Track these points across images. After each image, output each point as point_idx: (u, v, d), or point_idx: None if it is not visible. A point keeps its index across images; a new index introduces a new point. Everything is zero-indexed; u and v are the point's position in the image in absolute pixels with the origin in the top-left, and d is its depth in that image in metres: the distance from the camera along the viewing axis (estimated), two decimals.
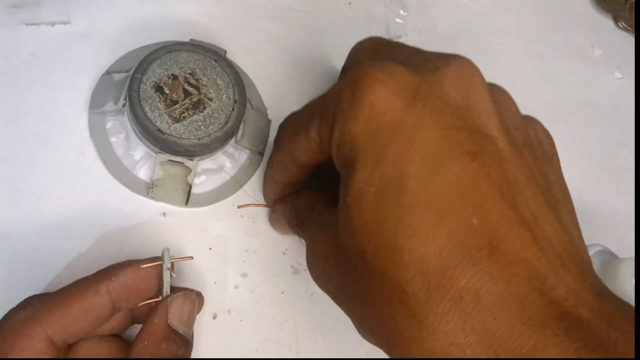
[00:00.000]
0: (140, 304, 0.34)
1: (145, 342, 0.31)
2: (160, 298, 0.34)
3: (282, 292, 0.45)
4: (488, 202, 0.22)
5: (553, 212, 0.24)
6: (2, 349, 0.29)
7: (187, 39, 0.47)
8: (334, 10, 0.54)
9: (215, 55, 0.44)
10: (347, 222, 0.24)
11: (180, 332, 0.32)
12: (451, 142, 0.23)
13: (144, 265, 0.34)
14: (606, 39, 0.61)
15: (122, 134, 0.45)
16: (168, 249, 0.37)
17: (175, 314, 0.32)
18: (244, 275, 0.44)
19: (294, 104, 0.51)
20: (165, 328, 0.31)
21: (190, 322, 0.33)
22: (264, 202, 0.46)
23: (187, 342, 0.32)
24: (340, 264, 0.27)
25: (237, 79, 0.44)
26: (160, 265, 0.35)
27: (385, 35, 0.55)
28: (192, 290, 0.36)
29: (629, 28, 0.61)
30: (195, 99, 0.42)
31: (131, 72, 0.42)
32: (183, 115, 0.42)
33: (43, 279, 0.40)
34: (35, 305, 0.31)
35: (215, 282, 0.44)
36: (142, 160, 0.44)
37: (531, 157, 0.26)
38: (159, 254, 0.37)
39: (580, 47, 0.60)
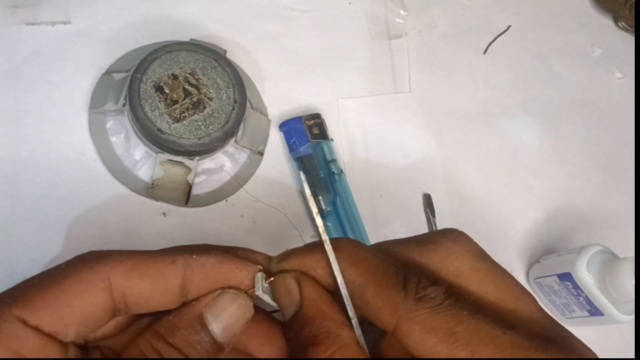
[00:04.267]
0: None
1: (170, 317, 0.27)
2: None
3: None
4: None
5: None
6: None
7: (187, 39, 0.47)
8: (334, 10, 0.54)
9: (216, 55, 0.44)
10: None
11: (213, 330, 0.27)
12: None
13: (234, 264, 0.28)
14: (606, 39, 0.61)
15: (122, 133, 0.45)
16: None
17: (215, 307, 0.28)
18: None
19: (294, 104, 0.51)
20: (195, 314, 0.27)
21: (230, 325, 0.28)
22: (263, 200, 0.46)
23: (216, 346, 0.27)
24: None
25: (237, 79, 0.44)
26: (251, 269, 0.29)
27: (385, 35, 0.55)
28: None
29: (629, 28, 0.61)
30: (195, 99, 0.42)
31: (131, 72, 0.42)
32: (183, 115, 0.42)
33: None
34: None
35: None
36: (142, 160, 0.44)
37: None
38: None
39: (580, 47, 0.60)
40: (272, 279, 0.29)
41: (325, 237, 0.28)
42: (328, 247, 0.27)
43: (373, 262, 0.27)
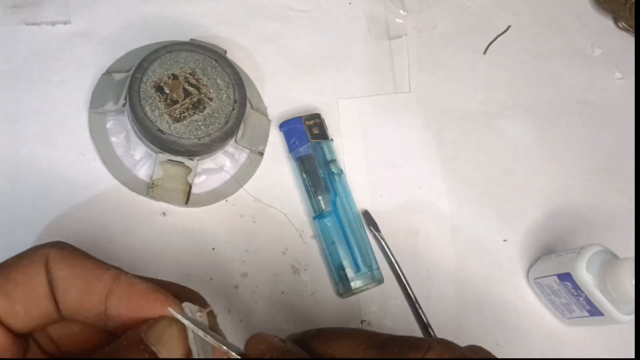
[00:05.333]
0: None
1: (106, 349, 0.26)
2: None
3: (282, 292, 0.45)
4: None
5: None
6: None
7: (187, 39, 0.47)
8: (334, 10, 0.54)
9: (216, 55, 0.44)
10: None
11: (158, 353, 0.26)
12: None
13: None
14: (606, 39, 0.61)
15: (122, 133, 0.45)
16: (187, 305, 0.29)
17: (153, 330, 0.27)
18: (244, 275, 0.44)
19: (294, 104, 0.51)
20: (134, 338, 0.26)
21: (174, 351, 0.27)
22: (263, 200, 0.46)
23: None
24: None
25: (237, 79, 0.44)
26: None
27: (385, 35, 0.55)
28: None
29: (629, 28, 0.61)
30: (195, 99, 0.42)
31: (131, 72, 0.42)
32: (183, 115, 0.42)
33: None
34: None
35: (215, 282, 0.44)
36: (142, 160, 0.44)
37: None
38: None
39: (580, 47, 0.60)
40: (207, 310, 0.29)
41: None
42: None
43: None
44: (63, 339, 0.29)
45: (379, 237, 0.47)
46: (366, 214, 0.48)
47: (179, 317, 0.27)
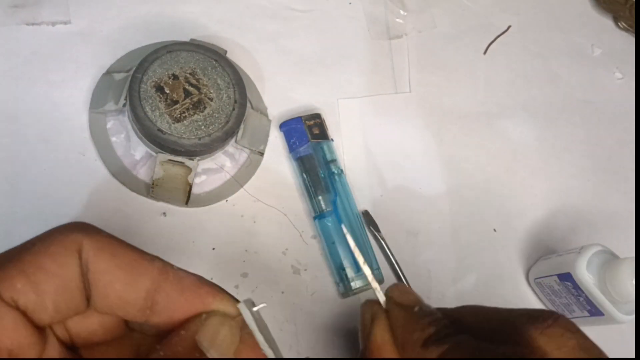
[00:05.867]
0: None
1: (161, 353, 0.25)
2: None
3: (282, 292, 0.45)
4: None
5: None
6: None
7: (187, 39, 0.47)
8: (334, 10, 0.54)
9: (216, 55, 0.44)
10: None
11: (210, 356, 0.25)
12: None
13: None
14: (606, 39, 0.61)
15: (122, 133, 0.45)
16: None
17: (207, 332, 0.25)
18: (244, 275, 0.44)
19: (294, 104, 0.51)
20: (190, 343, 0.25)
21: (226, 350, 0.26)
22: (263, 200, 0.46)
23: None
24: None
25: (238, 79, 0.44)
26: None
27: (385, 35, 0.55)
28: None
29: (629, 28, 0.61)
30: (195, 99, 0.42)
31: (131, 72, 0.42)
32: (183, 115, 0.42)
33: None
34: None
35: (215, 282, 0.44)
36: (142, 160, 0.44)
37: None
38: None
39: (580, 47, 0.60)
40: (259, 306, 0.27)
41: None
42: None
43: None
44: (80, 330, 0.27)
45: (379, 237, 0.47)
46: (366, 214, 0.48)
47: (245, 311, 0.26)
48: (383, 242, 0.47)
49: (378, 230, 0.47)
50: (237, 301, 0.27)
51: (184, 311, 0.26)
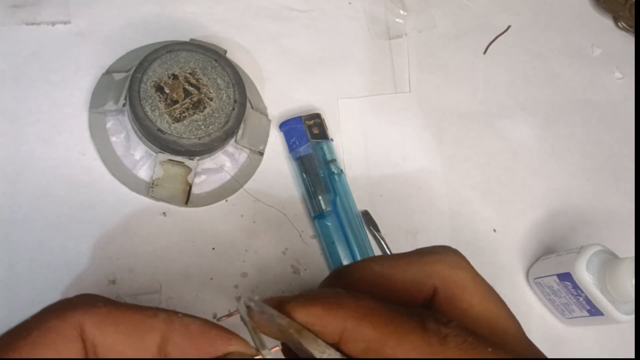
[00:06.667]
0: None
1: None
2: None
3: (282, 292, 0.45)
4: None
5: None
6: (29, 324, 0.22)
7: (187, 39, 0.47)
8: (334, 10, 0.54)
9: (216, 55, 0.44)
10: None
11: None
12: None
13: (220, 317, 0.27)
14: (606, 39, 0.61)
15: (122, 133, 0.45)
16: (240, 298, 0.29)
17: None
18: (244, 275, 0.44)
19: (294, 104, 0.51)
20: None
21: None
22: (263, 200, 0.46)
23: None
24: None
25: (237, 79, 0.44)
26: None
27: (385, 35, 0.55)
28: None
29: (629, 28, 0.61)
30: (195, 99, 0.42)
31: (131, 72, 0.42)
32: (183, 114, 0.42)
33: (43, 278, 0.40)
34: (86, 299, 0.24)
35: (215, 282, 0.44)
36: (142, 159, 0.44)
37: None
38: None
39: (580, 47, 0.60)
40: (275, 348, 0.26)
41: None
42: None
43: (382, 312, 0.25)
44: None
45: (379, 237, 0.47)
46: (366, 214, 0.48)
47: (264, 353, 0.25)
48: (383, 242, 0.47)
49: (378, 230, 0.47)
50: (247, 343, 0.26)
51: (195, 356, 0.25)
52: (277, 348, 0.27)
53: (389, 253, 0.47)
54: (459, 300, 0.27)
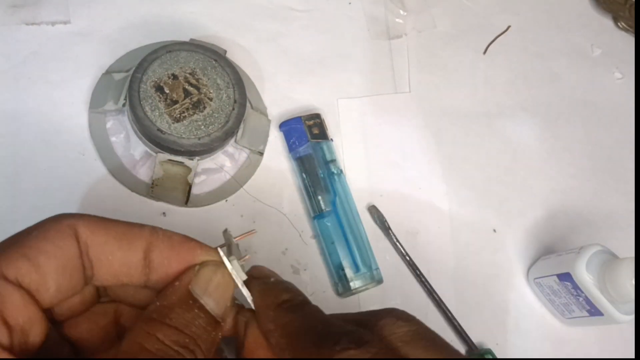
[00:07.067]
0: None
1: (158, 303, 0.26)
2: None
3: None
4: None
5: None
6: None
7: (187, 39, 0.47)
8: (334, 10, 0.54)
9: (215, 55, 0.44)
10: None
11: (206, 304, 0.27)
12: None
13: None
14: (606, 39, 0.61)
15: (122, 133, 0.45)
16: (227, 230, 0.32)
17: (200, 280, 0.27)
18: None
19: (293, 104, 0.51)
20: (183, 292, 0.27)
21: (219, 297, 0.27)
22: (263, 200, 0.46)
23: (212, 320, 0.27)
24: None
25: (237, 79, 0.44)
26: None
27: (385, 35, 0.55)
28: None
29: (629, 28, 0.61)
30: (195, 99, 0.42)
31: (131, 72, 0.42)
32: (183, 114, 0.42)
33: None
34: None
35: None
36: (142, 159, 0.44)
37: None
38: None
39: (580, 47, 0.60)
40: (246, 256, 0.30)
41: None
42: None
43: (295, 323, 0.27)
44: (62, 306, 0.28)
45: (390, 233, 0.47)
46: (373, 209, 0.48)
47: (225, 259, 0.29)
48: (393, 237, 0.47)
49: (387, 225, 0.47)
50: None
51: (177, 265, 0.28)
52: (247, 257, 0.30)
53: (399, 247, 0.47)
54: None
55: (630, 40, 0.61)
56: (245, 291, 0.29)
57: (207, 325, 0.27)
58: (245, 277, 0.29)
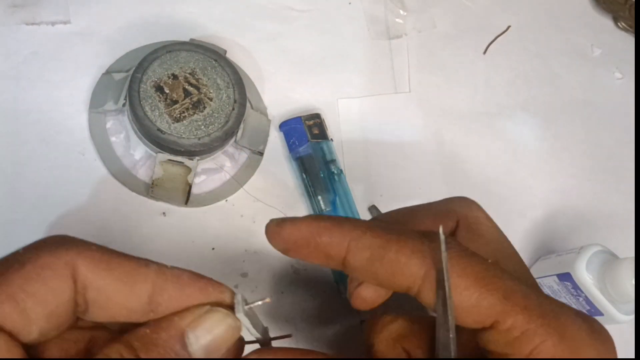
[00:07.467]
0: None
1: (147, 331, 0.24)
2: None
3: (282, 292, 0.45)
4: None
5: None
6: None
7: (187, 39, 0.47)
8: (334, 10, 0.54)
9: (215, 55, 0.44)
10: None
11: (193, 352, 0.24)
12: None
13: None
14: (606, 39, 0.61)
15: (122, 133, 0.45)
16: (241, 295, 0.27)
17: (201, 327, 0.24)
18: (244, 275, 0.44)
19: (294, 104, 0.51)
20: (177, 333, 0.24)
21: (213, 348, 0.25)
22: (263, 200, 0.46)
23: None
24: None
25: (237, 79, 0.44)
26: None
27: (385, 35, 0.55)
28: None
29: (628, 28, 0.61)
30: (195, 99, 0.42)
31: (131, 72, 0.42)
32: (183, 114, 0.42)
33: None
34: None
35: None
36: (142, 160, 0.44)
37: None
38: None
39: (580, 47, 0.60)
40: (257, 303, 0.26)
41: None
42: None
43: (381, 226, 0.27)
44: (51, 355, 0.26)
45: None
46: (374, 209, 0.48)
47: (241, 307, 0.26)
48: None
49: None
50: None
51: (185, 305, 0.25)
52: (267, 300, 0.27)
53: None
54: (476, 230, 0.32)
55: (630, 40, 0.61)
56: (257, 335, 0.27)
57: None
58: (262, 326, 0.27)
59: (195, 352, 0.24)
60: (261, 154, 0.47)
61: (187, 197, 0.44)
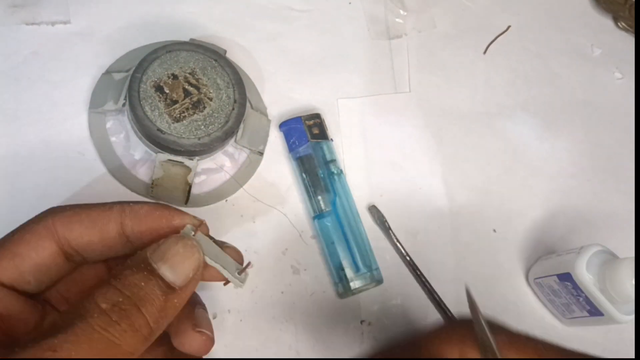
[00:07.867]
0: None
1: (119, 267, 0.27)
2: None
3: (282, 292, 0.45)
4: None
5: None
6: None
7: (187, 39, 0.47)
8: (334, 10, 0.54)
9: (215, 55, 0.44)
10: None
11: (163, 274, 0.27)
12: None
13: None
14: (606, 39, 0.61)
15: (122, 133, 0.45)
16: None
17: (159, 249, 0.28)
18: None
19: (293, 104, 0.51)
20: (140, 257, 0.28)
21: (177, 264, 0.28)
22: (263, 200, 0.46)
23: (165, 285, 0.27)
24: None
25: (237, 79, 0.44)
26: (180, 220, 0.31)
27: (385, 35, 0.55)
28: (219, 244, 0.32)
29: (628, 28, 0.61)
30: (195, 99, 0.42)
31: (131, 72, 0.42)
32: (183, 114, 0.42)
33: None
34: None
35: (215, 282, 0.44)
36: (142, 159, 0.44)
37: None
38: None
39: (580, 47, 0.60)
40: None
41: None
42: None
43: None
44: (71, 289, 0.32)
45: (391, 233, 0.47)
46: (374, 209, 0.48)
47: (190, 231, 0.30)
48: (394, 237, 0.47)
49: (387, 225, 0.47)
50: (195, 219, 0.31)
51: (150, 235, 0.30)
52: (250, 265, 0.33)
53: (399, 247, 0.47)
54: None
55: (630, 40, 0.61)
56: (214, 264, 0.30)
57: (157, 289, 0.27)
58: (217, 250, 0.31)
59: (164, 273, 0.28)
60: (261, 154, 0.47)
61: (187, 197, 0.44)
